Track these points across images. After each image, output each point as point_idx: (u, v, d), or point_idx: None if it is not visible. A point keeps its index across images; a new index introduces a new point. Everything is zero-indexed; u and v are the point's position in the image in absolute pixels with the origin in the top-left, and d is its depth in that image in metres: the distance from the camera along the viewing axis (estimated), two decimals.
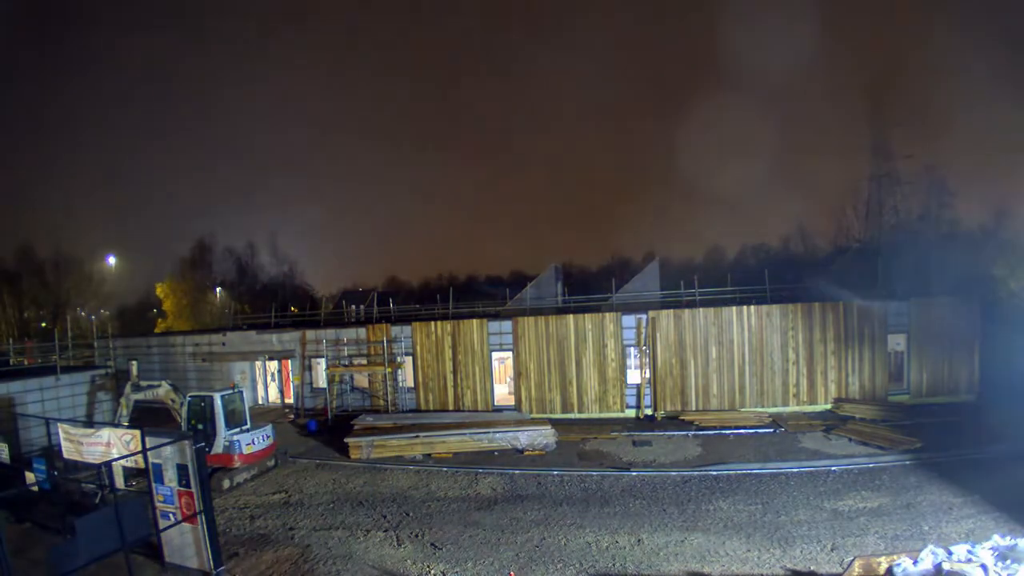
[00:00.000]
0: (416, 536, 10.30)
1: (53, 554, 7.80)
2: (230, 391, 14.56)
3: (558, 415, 19.25)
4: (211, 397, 14.03)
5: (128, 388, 15.18)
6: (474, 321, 21.03)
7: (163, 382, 15.15)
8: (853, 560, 6.56)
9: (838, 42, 70.44)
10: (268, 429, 14.93)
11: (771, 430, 16.41)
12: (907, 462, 12.95)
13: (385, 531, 10.54)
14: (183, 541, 8.91)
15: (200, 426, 13.73)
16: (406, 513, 11.43)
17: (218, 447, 13.57)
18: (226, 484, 13.19)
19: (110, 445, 10.87)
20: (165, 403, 14.78)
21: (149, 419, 18.10)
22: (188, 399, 14.24)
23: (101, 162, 69.93)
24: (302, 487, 13.38)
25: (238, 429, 14.10)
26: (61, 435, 11.59)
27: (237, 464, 13.59)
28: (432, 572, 8.93)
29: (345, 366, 20.98)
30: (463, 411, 20.18)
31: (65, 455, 11.70)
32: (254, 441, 14.06)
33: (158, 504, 9.03)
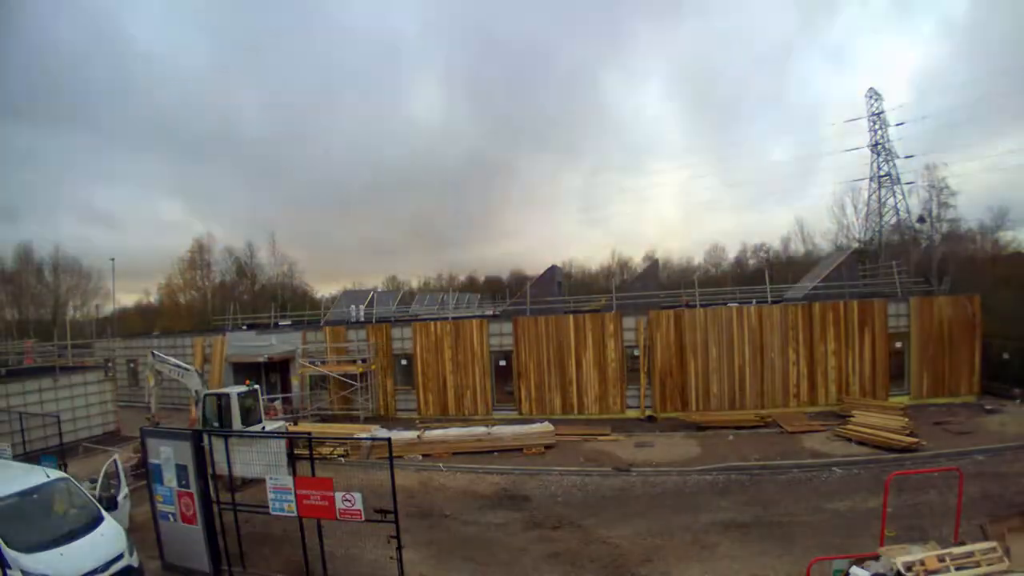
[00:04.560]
0: (418, 536, 10.28)
1: None
2: (246, 389, 14.59)
3: (558, 415, 19.22)
4: (227, 394, 14.03)
5: (151, 357, 16.01)
6: (474, 321, 21.03)
7: (194, 368, 15.54)
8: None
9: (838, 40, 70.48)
10: (282, 427, 15.01)
11: (771, 430, 16.40)
12: (907, 462, 12.93)
13: (386, 530, 10.51)
14: (183, 541, 8.88)
15: (215, 423, 13.71)
16: (406, 513, 11.40)
17: None
18: (237, 481, 13.13)
19: None
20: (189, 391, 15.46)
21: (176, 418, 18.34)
22: (204, 396, 14.29)
23: (100, 160, 69.89)
24: None
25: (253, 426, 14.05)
26: None
27: None
28: (433, 573, 8.92)
29: (346, 366, 20.94)
30: (463, 412, 20.21)
31: None
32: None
33: (157, 505, 9.00)
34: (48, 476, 8.31)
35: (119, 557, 7.68)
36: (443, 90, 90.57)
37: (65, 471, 11.12)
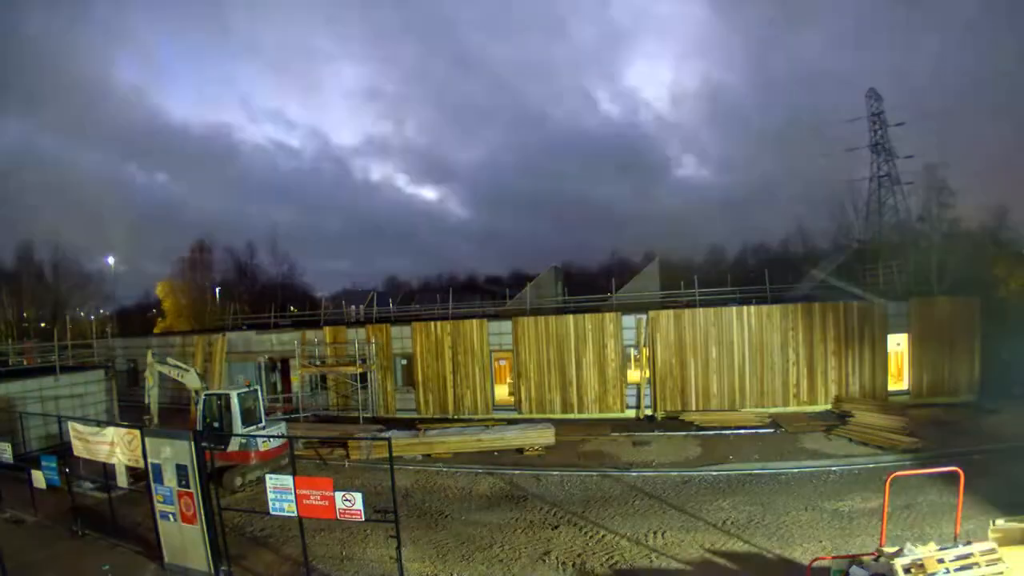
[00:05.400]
0: (417, 536, 10.30)
1: None
2: (246, 389, 14.43)
3: (558, 415, 19.23)
4: (227, 395, 13.91)
5: (150, 357, 15.59)
6: (474, 321, 21.02)
7: (193, 368, 15.32)
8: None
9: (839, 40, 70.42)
10: (283, 427, 15.01)
11: (771, 430, 16.40)
12: (907, 462, 12.94)
13: (385, 530, 10.53)
14: (183, 542, 8.89)
15: (215, 424, 13.63)
16: (406, 513, 11.41)
17: (234, 445, 13.45)
18: (238, 482, 13.12)
19: (113, 444, 10.76)
20: (189, 391, 15.14)
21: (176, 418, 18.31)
22: (203, 396, 14.15)
23: (96, 160, 69.94)
24: None
25: (254, 427, 13.96)
26: (71, 433, 11.40)
27: (254, 461, 13.37)
28: (433, 573, 8.93)
29: (345, 366, 20.96)
30: (463, 411, 20.23)
31: (75, 453, 11.50)
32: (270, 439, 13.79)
33: (157, 504, 9.01)
34: None
35: None
36: None
37: (67, 472, 11.15)
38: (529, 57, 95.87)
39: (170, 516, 8.92)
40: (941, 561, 5.86)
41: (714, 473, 13.06)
